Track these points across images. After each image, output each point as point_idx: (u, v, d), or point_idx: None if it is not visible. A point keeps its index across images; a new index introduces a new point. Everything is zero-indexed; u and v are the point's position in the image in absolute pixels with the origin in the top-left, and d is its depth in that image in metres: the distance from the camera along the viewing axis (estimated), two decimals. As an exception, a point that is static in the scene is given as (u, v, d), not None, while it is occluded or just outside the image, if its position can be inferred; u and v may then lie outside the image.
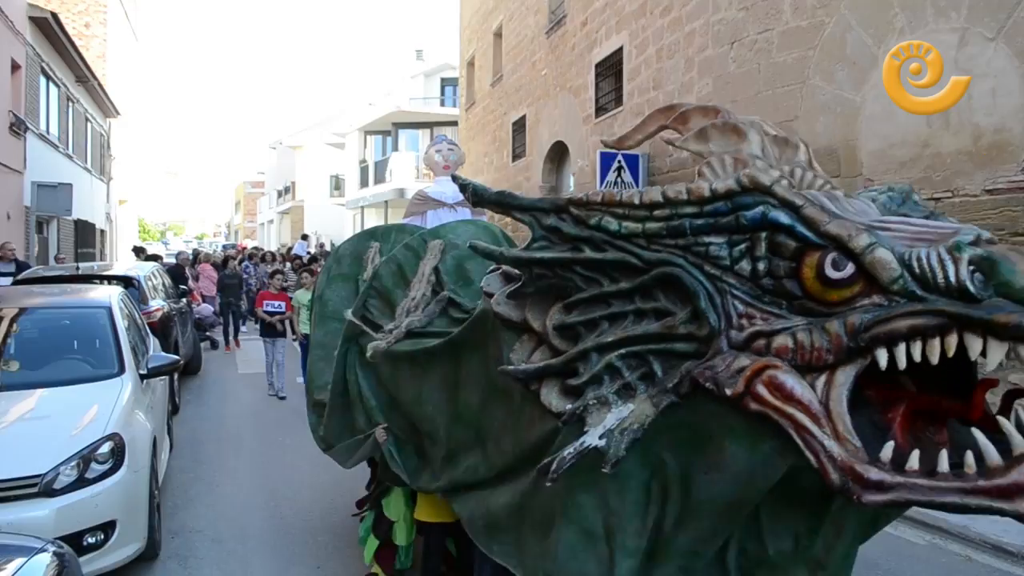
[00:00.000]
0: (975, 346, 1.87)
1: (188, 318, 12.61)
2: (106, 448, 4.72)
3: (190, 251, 26.19)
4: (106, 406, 5.09)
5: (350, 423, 4.55)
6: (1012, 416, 1.94)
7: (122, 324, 6.27)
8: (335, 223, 43.04)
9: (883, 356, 1.97)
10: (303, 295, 10.04)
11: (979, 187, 6.59)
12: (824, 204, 2.20)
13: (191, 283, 16.12)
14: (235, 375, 12.81)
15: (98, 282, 9.76)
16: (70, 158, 21.21)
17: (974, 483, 1.85)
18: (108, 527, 4.59)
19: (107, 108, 25.72)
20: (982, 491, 1.85)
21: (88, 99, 23.61)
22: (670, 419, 2.34)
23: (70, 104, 21.42)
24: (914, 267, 1.98)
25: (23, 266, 11.83)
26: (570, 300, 2.54)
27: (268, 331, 10.87)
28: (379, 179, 33.68)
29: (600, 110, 13.59)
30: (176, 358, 6.92)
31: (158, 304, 10.31)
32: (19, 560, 2.80)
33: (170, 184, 54.83)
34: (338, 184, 42.85)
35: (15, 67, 16.16)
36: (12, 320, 6.21)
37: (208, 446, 8.26)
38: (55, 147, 19.59)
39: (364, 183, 35.80)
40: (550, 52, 16.21)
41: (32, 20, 17.24)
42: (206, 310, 15.47)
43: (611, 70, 13.23)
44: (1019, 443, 1.84)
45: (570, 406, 2.48)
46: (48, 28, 17.73)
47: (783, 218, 2.17)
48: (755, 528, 2.57)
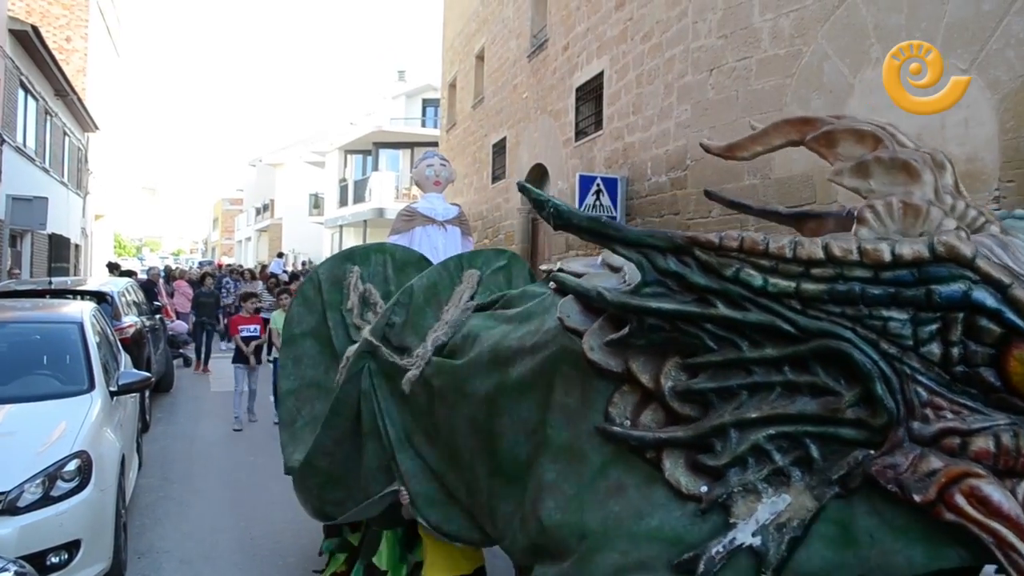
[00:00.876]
0: None
1: (161, 335, 12.49)
2: (73, 466, 4.64)
3: (162, 267, 26.02)
4: (74, 423, 5.01)
5: (355, 463, 3.91)
6: None
7: (93, 340, 6.19)
8: (314, 242, 42.94)
9: None
10: (279, 317, 9.52)
11: (952, 216, 6.66)
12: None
13: (165, 299, 15.98)
14: (208, 393, 12.68)
15: (71, 297, 9.65)
16: (47, 172, 21.03)
17: None
18: (73, 546, 4.49)
19: (86, 122, 25.56)
20: None
21: (67, 113, 23.46)
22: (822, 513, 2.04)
23: (48, 118, 21.27)
24: None
25: None
26: (696, 361, 2.22)
27: (241, 357, 10.16)
28: (359, 198, 33.68)
29: (580, 134, 13.67)
30: (147, 375, 6.84)
31: (131, 320, 10.22)
32: (-22, 579, 2.74)
33: (148, 200, 54.48)
34: (317, 203, 42.80)
35: (-7, 79, 16.05)
36: (-19, 334, 6.12)
37: (178, 465, 8.16)
38: (31, 160, 19.42)
39: (343, 202, 35.78)
40: (531, 75, 16.31)
41: (12, 33, 17.13)
42: (180, 327, 15.33)
43: (591, 94, 13.31)
44: None
45: (706, 488, 2.15)
46: (28, 41, 17.62)
47: (989, 300, 1.89)
48: None
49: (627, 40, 11.76)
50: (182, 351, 14.85)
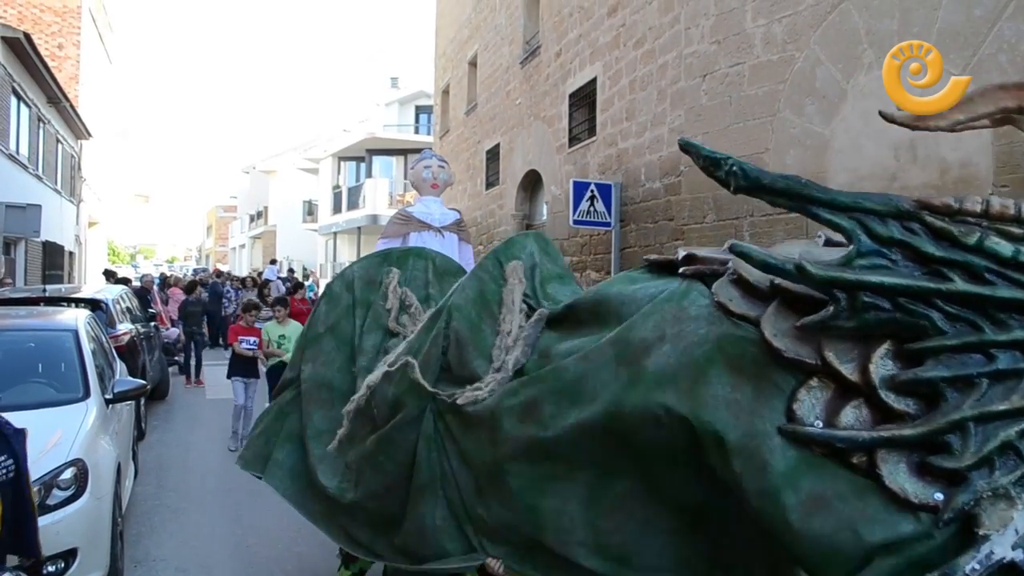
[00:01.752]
0: None
1: (156, 342, 12.46)
2: (68, 474, 4.63)
3: (158, 274, 25.92)
4: (70, 431, 5.00)
5: (404, 510, 3.39)
6: None
7: (88, 348, 6.18)
8: (307, 248, 42.93)
9: None
10: (273, 328, 9.49)
11: (945, 220, 6.69)
12: None
13: (159, 306, 15.93)
14: (203, 400, 12.65)
15: (65, 305, 9.63)
16: (40, 179, 20.99)
17: None
18: (69, 555, 4.48)
19: (79, 130, 25.52)
20: None
21: (59, 120, 23.42)
22: None
23: (41, 125, 21.23)
24: None
25: None
26: (921, 346, 1.92)
27: (241, 370, 9.53)
28: (352, 205, 33.67)
29: (573, 140, 13.69)
30: (143, 383, 6.82)
31: (126, 328, 10.19)
32: (-25, 588, 2.74)
33: (141, 207, 54.37)
34: (311, 210, 42.78)
35: (-15, 87, 16.02)
36: (-25, 343, 6.10)
37: (174, 473, 8.13)
38: (24, 168, 19.38)
39: (337, 209, 35.76)
40: (524, 82, 16.33)
41: (4, 40, 17.10)
42: (174, 334, 15.29)
43: (584, 100, 13.34)
44: None
45: (942, 495, 1.84)
46: (20, 48, 17.59)
47: None
48: None
49: (620, 46, 11.80)
50: (177, 358, 14.81)
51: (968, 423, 1.85)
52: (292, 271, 32.21)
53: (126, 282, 17.11)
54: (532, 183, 16.36)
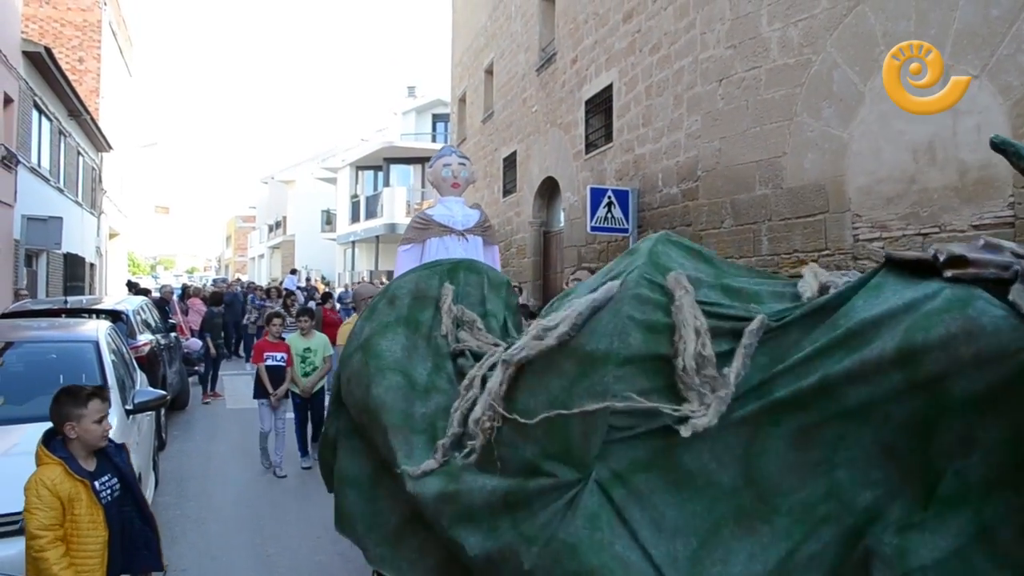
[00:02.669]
0: None
1: (176, 352, 12.53)
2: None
3: (179, 285, 26.06)
4: (90, 442, 5.03)
5: None
6: None
7: (109, 359, 6.23)
8: (326, 258, 43.11)
9: None
10: (298, 341, 8.84)
11: (966, 222, 6.64)
12: None
13: (179, 317, 16.01)
14: (224, 410, 12.70)
15: (86, 316, 9.70)
16: (61, 192, 21.20)
17: None
18: (90, 565, 4.50)
19: (99, 142, 25.76)
20: None
21: (80, 133, 23.65)
22: None
23: (62, 138, 21.45)
24: None
25: None
26: None
27: (266, 391, 8.58)
28: (370, 214, 33.81)
29: (590, 146, 13.68)
30: (163, 393, 6.86)
31: (146, 338, 10.25)
32: (-2, 599, 2.77)
33: (161, 218, 54.78)
34: (329, 219, 42.97)
35: (7, 101, 16.19)
36: (-2, 354, 6.16)
37: (194, 482, 8.16)
38: (46, 180, 19.58)
39: (355, 218, 35.91)
40: (540, 89, 16.35)
41: (25, 54, 17.31)
42: (195, 344, 15.36)
43: (601, 107, 13.33)
44: None
45: None
46: (41, 62, 17.79)
47: None
48: None
49: (635, 52, 11.78)
50: (197, 368, 14.88)
51: None
52: (310, 280, 32.34)
53: (146, 293, 17.24)
54: (549, 190, 16.36)
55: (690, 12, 10.18)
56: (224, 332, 16.30)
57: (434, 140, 35.56)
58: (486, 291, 4.27)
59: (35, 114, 18.60)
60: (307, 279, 32.83)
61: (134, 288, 19.43)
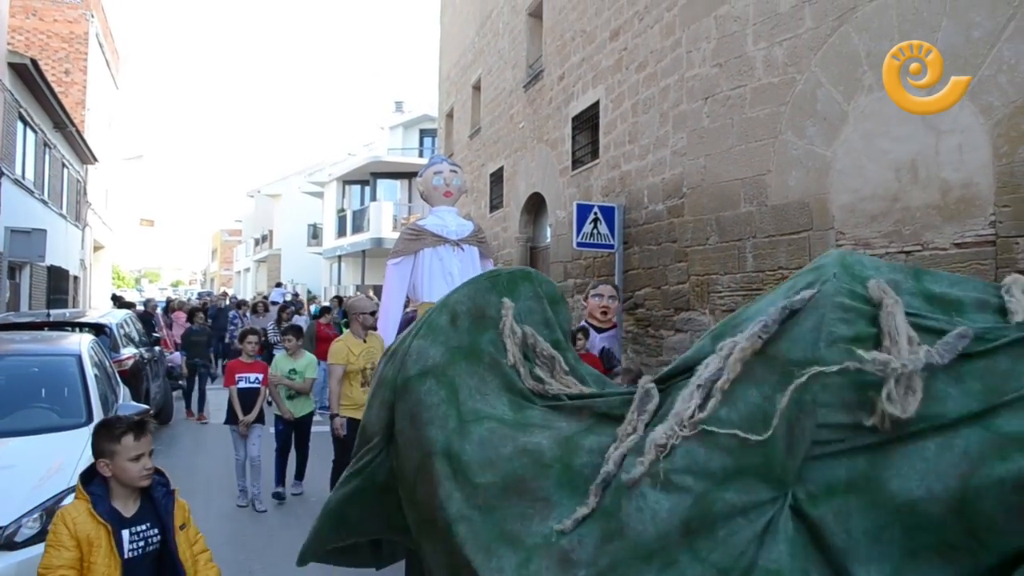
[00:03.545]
0: None
1: (160, 366, 12.46)
2: (70, 500, 4.61)
3: (163, 298, 25.91)
4: (72, 456, 5.00)
5: None
6: None
7: (91, 372, 6.20)
8: (312, 272, 43.04)
9: None
10: (283, 361, 8.23)
11: (948, 240, 6.69)
12: None
13: (164, 331, 15.93)
14: (207, 425, 12.63)
15: (69, 329, 9.65)
16: (45, 204, 21.10)
17: None
18: (70, 581, 4.45)
19: (84, 155, 25.68)
20: None
21: (65, 145, 23.57)
22: None
23: (47, 150, 21.37)
24: None
25: None
26: None
27: (236, 417, 8.00)
28: (357, 229, 33.81)
29: (576, 162, 13.73)
30: (145, 407, 6.83)
31: (129, 352, 10.21)
32: (-24, 616, 2.70)
33: (146, 231, 54.54)
34: (316, 233, 42.94)
35: (-8, 113, 16.15)
36: (-21, 368, 6.12)
37: (177, 497, 8.09)
38: (30, 192, 19.49)
39: (342, 232, 35.89)
40: (528, 105, 16.41)
41: (11, 66, 17.26)
42: (178, 358, 15.29)
43: (587, 123, 13.39)
44: None
45: None
46: (27, 74, 17.75)
47: None
48: None
49: (622, 70, 11.86)
50: (181, 383, 14.78)
51: None
52: (297, 295, 32.26)
53: (130, 306, 17.15)
54: (536, 206, 16.40)
55: (676, 31, 10.25)
56: (211, 349, 15.77)
57: (421, 155, 35.62)
58: (546, 307, 3.52)
59: (20, 125, 18.53)
60: (293, 293, 32.75)
61: (119, 302, 19.34)
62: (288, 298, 26.72)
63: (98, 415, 5.70)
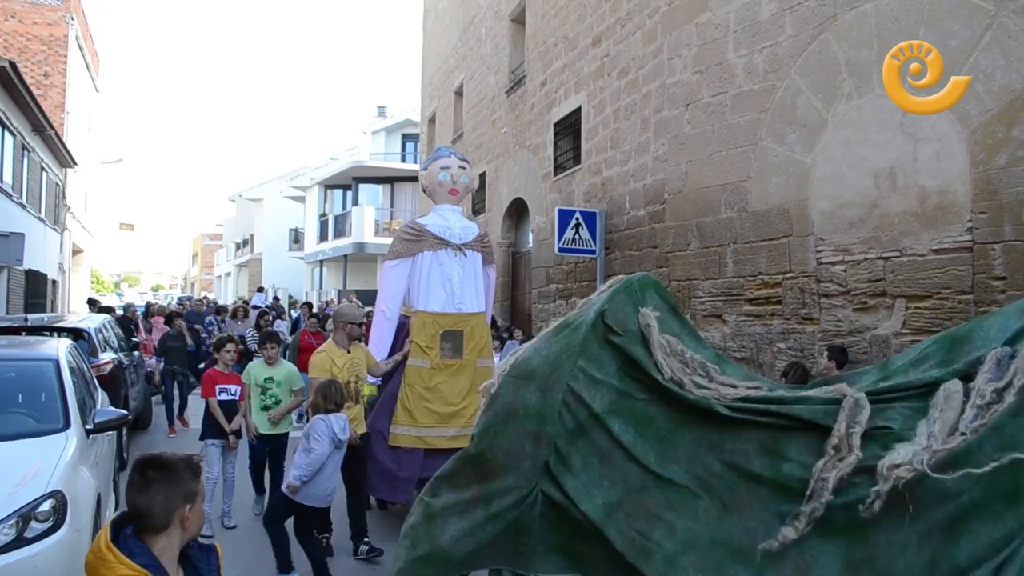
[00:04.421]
0: None
1: (139, 371, 12.37)
2: (47, 506, 4.56)
3: (143, 303, 25.70)
4: (49, 462, 4.94)
5: None
6: None
7: (69, 378, 6.12)
8: (293, 277, 42.84)
9: None
10: (258, 369, 7.62)
11: (926, 247, 6.76)
12: None
13: (143, 336, 15.80)
14: (187, 430, 12.54)
15: (47, 334, 9.56)
16: (23, 207, 20.90)
17: None
18: (47, 589, 4.40)
19: (64, 158, 25.45)
20: None
21: (44, 149, 23.36)
22: None
23: (25, 153, 21.17)
24: None
25: None
26: None
27: (219, 429, 7.56)
28: (339, 233, 33.72)
29: (559, 168, 13.77)
30: (124, 413, 6.77)
31: (108, 357, 10.12)
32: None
33: (126, 235, 54.15)
34: (297, 238, 42.77)
35: (-30, 116, 16.00)
36: (-46, 373, 6.04)
37: (155, 503, 8.01)
38: (8, 196, 19.31)
39: (323, 237, 35.79)
40: (510, 111, 16.44)
41: (-11, 69, 17.10)
42: (155, 364, 15.13)
43: (569, 129, 13.43)
44: None
45: None
46: (5, 77, 17.57)
47: None
48: None
49: (604, 76, 11.90)
50: (160, 388, 14.59)
51: None
52: (277, 299, 32.11)
53: (109, 311, 16.99)
54: (518, 211, 16.42)
55: (658, 37, 10.31)
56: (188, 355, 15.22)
57: (403, 160, 35.58)
58: (676, 315, 3.37)
59: (-2, 129, 18.36)
60: (274, 297, 32.59)
61: (95, 306, 19.15)
62: (269, 303, 26.59)
63: (75, 420, 5.64)
